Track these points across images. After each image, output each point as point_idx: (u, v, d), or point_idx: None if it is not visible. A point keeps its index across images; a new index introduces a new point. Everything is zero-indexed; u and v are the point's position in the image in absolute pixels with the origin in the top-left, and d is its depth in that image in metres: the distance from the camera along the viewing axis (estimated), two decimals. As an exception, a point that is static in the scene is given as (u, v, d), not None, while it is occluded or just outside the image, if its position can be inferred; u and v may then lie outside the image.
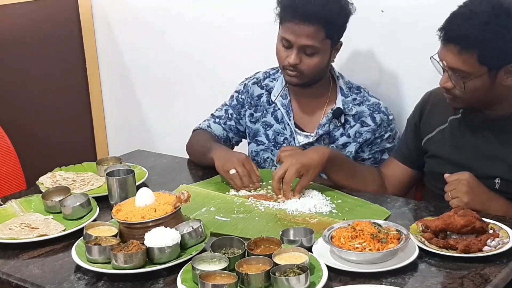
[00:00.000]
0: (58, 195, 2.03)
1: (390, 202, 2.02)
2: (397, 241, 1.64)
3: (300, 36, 2.20)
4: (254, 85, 2.47)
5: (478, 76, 1.90)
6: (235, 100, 2.50)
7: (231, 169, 2.15)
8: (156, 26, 3.26)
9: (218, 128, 2.49)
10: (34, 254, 1.78)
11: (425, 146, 2.16)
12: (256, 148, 2.47)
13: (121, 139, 3.61)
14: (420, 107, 2.21)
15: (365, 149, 2.36)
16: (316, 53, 2.23)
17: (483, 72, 1.89)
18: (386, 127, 2.35)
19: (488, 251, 1.64)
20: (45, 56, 3.37)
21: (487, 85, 1.91)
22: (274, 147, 2.43)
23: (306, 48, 2.22)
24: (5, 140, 2.72)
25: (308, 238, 1.71)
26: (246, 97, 2.47)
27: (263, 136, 2.45)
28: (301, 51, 2.23)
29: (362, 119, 2.34)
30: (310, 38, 2.20)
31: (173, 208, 1.76)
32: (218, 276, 1.52)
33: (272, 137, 2.43)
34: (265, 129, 2.45)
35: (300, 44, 2.21)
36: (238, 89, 2.51)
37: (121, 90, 3.54)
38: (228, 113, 2.50)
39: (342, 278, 1.58)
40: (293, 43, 2.22)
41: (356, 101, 2.36)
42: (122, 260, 1.61)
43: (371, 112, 2.35)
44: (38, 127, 3.39)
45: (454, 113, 2.10)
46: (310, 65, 2.25)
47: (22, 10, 3.24)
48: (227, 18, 3.00)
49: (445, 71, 1.95)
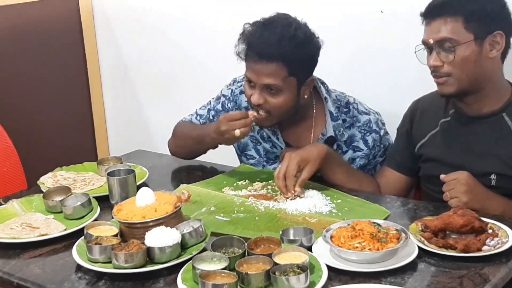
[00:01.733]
0: (59, 195, 2.03)
1: (390, 202, 2.03)
2: (397, 241, 1.64)
3: (260, 75, 2.11)
4: (241, 94, 2.35)
5: (465, 43, 1.91)
6: (221, 105, 2.42)
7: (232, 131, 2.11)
8: (156, 26, 3.27)
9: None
10: (35, 253, 1.79)
11: (419, 151, 2.16)
12: (246, 162, 2.39)
13: (121, 139, 3.62)
14: (409, 115, 2.21)
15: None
16: (280, 92, 2.12)
17: (470, 39, 1.91)
18: (379, 145, 2.29)
19: (487, 250, 1.64)
20: (46, 56, 3.38)
21: (475, 54, 1.92)
22: (266, 163, 2.36)
23: (269, 87, 2.12)
24: (6, 140, 2.72)
25: (308, 237, 1.72)
26: (233, 107, 2.38)
27: (252, 151, 2.38)
28: (264, 91, 2.13)
29: (354, 144, 2.27)
30: (270, 77, 2.10)
31: (173, 208, 1.76)
32: (218, 275, 1.52)
33: (263, 153, 2.37)
34: (254, 144, 2.37)
35: (261, 83, 2.12)
36: (226, 93, 2.42)
37: (122, 90, 3.54)
38: (210, 114, 2.43)
39: (342, 278, 1.58)
40: (255, 82, 2.13)
41: (346, 123, 2.26)
42: (122, 260, 1.62)
43: (362, 135, 2.26)
44: (39, 127, 3.39)
45: (444, 116, 2.10)
46: (276, 104, 2.14)
47: (23, 10, 3.25)
48: (227, 18, 3.00)
49: (432, 51, 1.95)
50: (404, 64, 2.52)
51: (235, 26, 2.97)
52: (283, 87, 2.12)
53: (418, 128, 2.18)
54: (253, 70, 2.14)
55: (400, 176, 2.23)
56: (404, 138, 2.22)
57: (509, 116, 2.00)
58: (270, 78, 2.10)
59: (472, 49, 1.92)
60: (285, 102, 2.15)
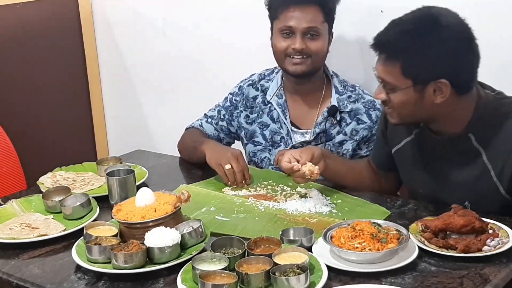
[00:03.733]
0: (58, 195, 2.03)
1: (390, 202, 2.02)
2: (397, 241, 1.64)
3: (301, 20, 2.26)
4: (249, 87, 2.48)
5: (402, 89, 1.80)
6: (229, 101, 2.51)
7: (226, 164, 2.16)
8: (156, 27, 3.26)
9: (210, 128, 2.51)
10: (34, 254, 1.79)
11: (396, 156, 2.09)
12: (253, 148, 2.47)
13: (121, 139, 3.61)
14: (384, 117, 2.10)
15: (363, 147, 2.37)
16: (318, 36, 2.28)
17: (408, 85, 1.79)
18: None
19: (487, 251, 1.64)
20: (45, 56, 3.38)
21: (414, 99, 1.80)
22: (272, 147, 2.44)
23: (309, 31, 2.27)
24: (5, 140, 2.72)
25: (308, 238, 1.71)
26: (241, 99, 2.48)
27: (259, 137, 2.46)
28: (304, 36, 2.27)
29: (357, 117, 2.36)
30: (311, 21, 2.26)
31: (173, 208, 1.76)
32: (218, 276, 1.52)
33: (269, 137, 2.44)
34: (261, 130, 2.46)
35: (303, 27, 2.26)
36: (233, 91, 2.52)
37: (121, 90, 3.54)
38: (220, 113, 2.52)
39: (342, 278, 1.58)
40: (295, 28, 2.27)
41: (351, 98, 2.38)
42: (122, 260, 1.61)
43: (366, 109, 2.36)
44: (38, 127, 3.39)
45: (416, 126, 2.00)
46: (317, 48, 2.29)
47: (23, 10, 3.24)
48: (227, 18, 3.00)
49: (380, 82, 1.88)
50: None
51: (235, 26, 2.99)
52: (321, 30, 2.29)
53: (392, 131, 2.08)
54: (292, 16, 2.27)
55: (383, 173, 2.20)
56: (381, 138, 2.16)
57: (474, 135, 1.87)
58: (311, 21, 2.27)
59: (411, 94, 1.80)
60: (322, 47, 2.31)
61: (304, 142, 2.37)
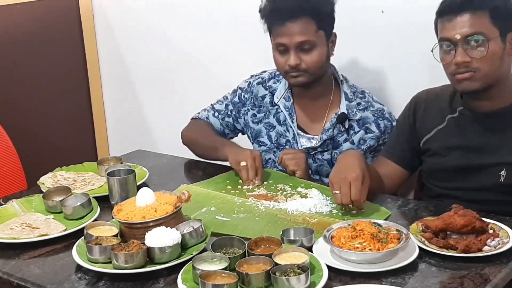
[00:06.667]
0: (59, 195, 2.03)
1: (390, 202, 2.02)
2: (397, 241, 1.64)
3: (292, 35, 2.20)
4: (258, 85, 2.46)
5: (493, 39, 1.88)
6: (237, 97, 2.50)
7: (242, 161, 2.17)
8: (156, 26, 3.27)
9: (216, 122, 2.51)
10: (35, 254, 1.79)
11: (424, 146, 2.15)
12: (258, 149, 2.46)
13: (121, 139, 3.62)
14: (412, 109, 2.17)
15: (368, 156, 2.35)
16: (313, 47, 2.23)
17: (496, 35, 1.89)
18: (389, 133, 2.33)
19: (488, 251, 1.64)
20: (46, 56, 3.38)
21: (501, 50, 1.90)
22: (277, 149, 2.43)
23: (303, 45, 2.22)
24: (6, 140, 2.72)
25: (308, 238, 1.71)
26: (250, 97, 2.47)
27: (265, 137, 2.45)
28: (298, 50, 2.23)
29: (366, 126, 2.33)
30: (303, 34, 2.20)
31: (173, 208, 1.76)
32: (218, 276, 1.52)
33: (275, 138, 2.43)
34: (267, 130, 2.45)
35: (295, 43, 2.21)
36: (242, 86, 2.50)
37: (121, 90, 3.54)
38: (228, 109, 2.51)
39: (342, 278, 1.58)
40: (288, 44, 2.22)
41: (361, 106, 2.35)
42: (122, 260, 1.61)
43: (375, 118, 2.33)
44: (39, 127, 3.39)
45: (451, 112, 2.09)
46: (312, 61, 2.24)
47: (23, 10, 3.25)
48: (228, 18, 3.00)
49: (457, 47, 1.90)
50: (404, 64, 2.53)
51: (235, 26, 2.99)
52: (315, 41, 2.23)
53: (422, 122, 2.15)
54: (283, 32, 2.22)
55: (398, 169, 2.21)
56: (406, 131, 2.19)
57: None
58: (303, 35, 2.20)
59: (499, 45, 1.90)
60: (319, 57, 2.25)
61: (310, 148, 2.36)
